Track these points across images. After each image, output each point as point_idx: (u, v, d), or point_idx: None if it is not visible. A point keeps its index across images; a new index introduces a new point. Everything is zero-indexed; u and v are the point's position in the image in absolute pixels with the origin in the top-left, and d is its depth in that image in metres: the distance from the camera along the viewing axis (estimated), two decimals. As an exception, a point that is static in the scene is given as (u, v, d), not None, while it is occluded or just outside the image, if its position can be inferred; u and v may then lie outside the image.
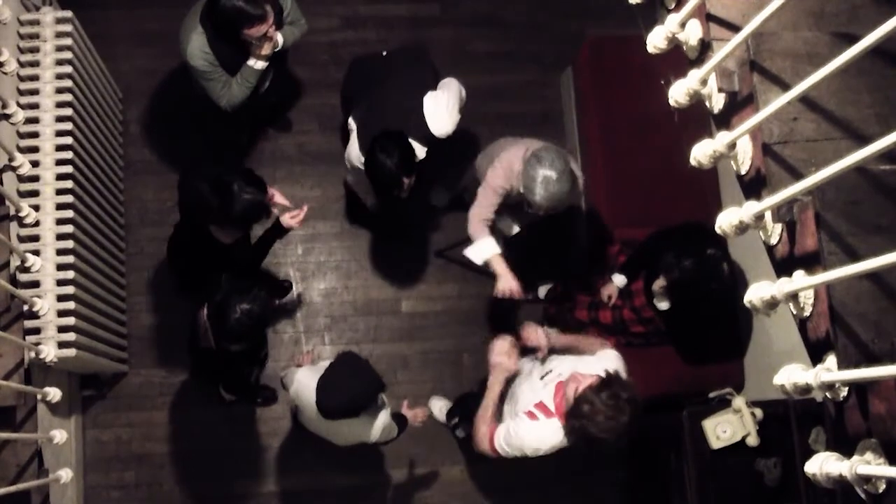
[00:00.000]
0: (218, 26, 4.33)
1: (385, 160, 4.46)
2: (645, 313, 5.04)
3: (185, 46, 4.44)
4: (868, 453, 2.08)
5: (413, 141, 4.60)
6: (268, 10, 4.28)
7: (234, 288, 3.96)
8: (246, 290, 3.94)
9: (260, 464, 5.60)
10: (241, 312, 3.86)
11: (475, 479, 5.77)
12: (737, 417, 4.69)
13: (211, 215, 4.18)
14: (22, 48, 4.54)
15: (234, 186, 4.03)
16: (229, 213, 4.07)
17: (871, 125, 2.44)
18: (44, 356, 4.11)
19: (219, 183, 4.05)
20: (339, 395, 3.94)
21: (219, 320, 3.92)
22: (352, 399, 3.97)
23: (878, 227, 2.27)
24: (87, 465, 5.46)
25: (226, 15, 4.22)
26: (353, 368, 4.07)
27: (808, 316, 2.32)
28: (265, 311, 4.04)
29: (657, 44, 2.59)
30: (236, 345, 4.07)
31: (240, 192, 4.04)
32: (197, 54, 4.43)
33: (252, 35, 4.33)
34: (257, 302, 3.93)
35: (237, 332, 3.92)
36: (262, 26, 4.31)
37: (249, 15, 4.21)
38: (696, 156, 2.43)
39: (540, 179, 4.21)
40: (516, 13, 6.37)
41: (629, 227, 5.41)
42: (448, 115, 4.65)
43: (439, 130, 4.65)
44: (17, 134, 4.40)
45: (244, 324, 3.88)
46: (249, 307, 3.88)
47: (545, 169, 4.21)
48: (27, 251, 4.20)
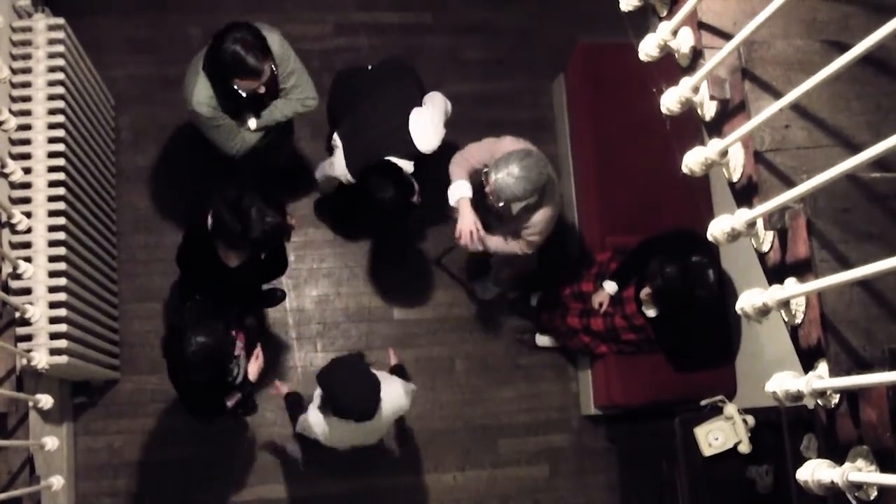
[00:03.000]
0: (212, 71, 4.28)
1: (386, 196, 4.55)
2: (636, 321, 5.05)
3: (191, 94, 4.36)
4: (859, 460, 2.09)
5: (400, 159, 4.63)
6: (265, 69, 4.23)
7: (194, 319, 3.96)
8: (204, 322, 3.94)
9: (253, 471, 5.58)
10: (196, 345, 3.84)
11: (468, 485, 5.77)
12: (729, 425, 4.70)
13: (231, 238, 4.16)
14: (14, 55, 4.53)
15: (255, 210, 4.03)
16: (249, 236, 4.06)
17: (862, 133, 2.45)
18: (35, 363, 4.10)
19: (239, 207, 4.03)
20: (362, 395, 3.99)
21: (173, 351, 3.93)
22: (371, 387, 4.01)
23: (869, 234, 2.28)
24: (79, 472, 5.43)
25: (223, 60, 4.16)
26: (343, 370, 4.10)
27: (799, 323, 2.33)
28: (221, 346, 4.00)
29: (649, 51, 2.59)
30: (193, 376, 4.04)
31: (261, 216, 4.03)
32: (202, 100, 4.35)
33: (241, 87, 4.27)
34: (213, 336, 3.91)
35: (192, 365, 3.90)
36: (254, 82, 4.25)
37: (246, 66, 4.15)
38: (687, 163, 2.44)
39: (507, 170, 4.23)
40: (508, 21, 6.38)
41: (621, 234, 5.42)
42: (433, 131, 4.66)
43: (425, 147, 4.67)
44: (8, 141, 4.39)
45: (198, 357, 3.86)
46: (205, 340, 3.86)
47: (516, 166, 4.22)
48: (19, 258, 4.19)
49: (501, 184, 4.23)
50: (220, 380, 4.23)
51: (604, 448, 5.90)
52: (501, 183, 4.23)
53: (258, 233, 4.04)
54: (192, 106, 4.39)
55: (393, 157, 4.64)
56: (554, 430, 5.90)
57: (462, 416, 5.79)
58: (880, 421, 2.10)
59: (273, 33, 4.43)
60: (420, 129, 4.64)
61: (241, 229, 4.03)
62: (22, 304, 4.12)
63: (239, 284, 4.46)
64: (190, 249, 4.55)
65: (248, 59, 4.12)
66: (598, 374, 5.60)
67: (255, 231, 4.03)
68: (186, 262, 4.60)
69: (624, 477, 5.74)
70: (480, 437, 5.83)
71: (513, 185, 4.22)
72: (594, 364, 5.63)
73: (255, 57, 4.14)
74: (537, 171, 4.26)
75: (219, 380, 4.22)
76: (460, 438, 5.76)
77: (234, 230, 4.05)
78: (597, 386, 5.65)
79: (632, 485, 5.63)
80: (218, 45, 4.15)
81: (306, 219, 5.91)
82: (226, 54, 4.13)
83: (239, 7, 6.05)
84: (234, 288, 4.45)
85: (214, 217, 4.12)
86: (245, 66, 4.15)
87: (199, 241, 4.38)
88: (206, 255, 4.32)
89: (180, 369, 4.01)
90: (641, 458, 5.45)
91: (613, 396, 5.47)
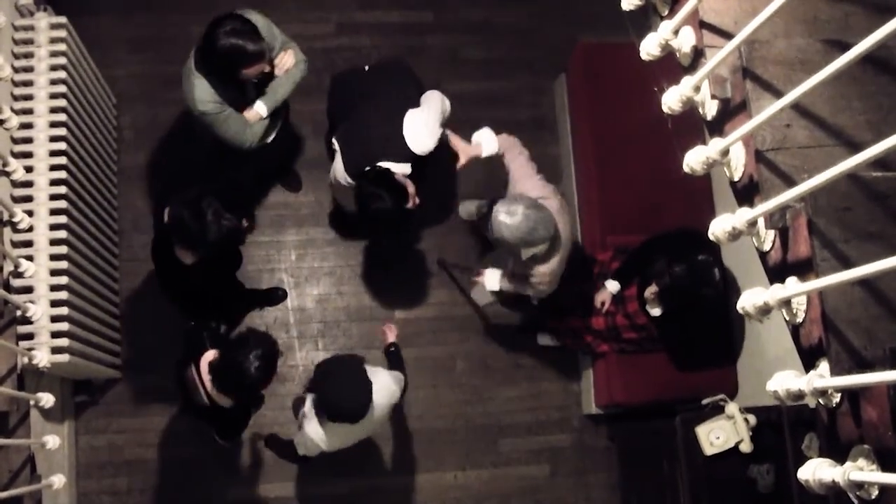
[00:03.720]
0: (216, 68, 4.28)
1: (381, 206, 4.52)
2: (638, 319, 5.05)
3: (193, 98, 4.36)
4: (861, 459, 2.09)
5: (396, 162, 4.62)
6: (264, 47, 4.25)
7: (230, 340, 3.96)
8: (244, 339, 3.94)
9: (254, 470, 5.59)
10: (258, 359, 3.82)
11: (469, 485, 5.77)
12: (730, 424, 4.70)
13: (187, 237, 4.12)
14: (16, 53, 4.53)
15: (212, 212, 4.00)
16: (205, 237, 4.02)
17: (863, 132, 2.45)
18: (37, 362, 4.10)
19: (198, 207, 4.00)
20: (352, 395, 3.98)
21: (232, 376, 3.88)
22: (363, 387, 4.01)
23: (870, 233, 2.28)
24: (80, 470, 5.44)
25: (223, 54, 4.16)
26: (332, 373, 4.10)
27: (800, 322, 2.33)
28: (275, 347, 4.01)
29: (650, 51, 2.59)
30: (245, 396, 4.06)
31: (217, 218, 4.00)
32: (205, 98, 4.35)
33: (250, 74, 4.29)
34: (264, 344, 3.91)
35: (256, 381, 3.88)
36: (260, 65, 4.28)
37: (248, 54, 4.17)
38: (689, 162, 2.44)
39: (501, 218, 4.17)
40: (509, 20, 6.38)
41: (622, 233, 5.41)
42: (427, 134, 4.63)
43: (419, 148, 4.64)
44: (10, 139, 4.40)
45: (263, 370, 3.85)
46: (261, 351, 3.85)
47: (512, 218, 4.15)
48: (20, 256, 4.19)
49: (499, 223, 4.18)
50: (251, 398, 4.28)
51: (605, 447, 5.90)
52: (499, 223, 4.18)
53: (213, 234, 4.01)
54: (197, 108, 4.39)
55: (389, 161, 4.61)
56: (555, 430, 5.91)
57: (463, 416, 5.80)
58: (881, 420, 2.10)
59: (254, 14, 4.44)
60: (414, 130, 4.62)
61: (197, 230, 4.00)
62: (23, 303, 4.13)
63: (195, 282, 4.42)
64: (155, 247, 4.54)
65: (247, 47, 4.15)
66: (600, 374, 5.60)
67: (210, 233, 4.00)
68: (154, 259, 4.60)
69: (625, 476, 5.74)
70: (481, 437, 5.83)
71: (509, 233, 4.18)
72: (595, 363, 5.63)
73: (253, 41, 4.17)
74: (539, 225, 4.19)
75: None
76: (461, 438, 5.77)
77: (190, 230, 4.02)
78: (598, 385, 5.65)
79: (633, 484, 5.63)
80: (212, 44, 4.15)
81: (307, 219, 5.92)
82: (224, 49, 4.14)
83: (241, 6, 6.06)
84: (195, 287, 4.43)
85: (172, 215, 4.09)
86: (247, 54, 4.17)
87: (161, 238, 4.39)
88: (166, 252, 4.32)
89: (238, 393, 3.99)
90: (642, 458, 5.44)
91: (614, 395, 5.47)
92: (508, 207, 4.18)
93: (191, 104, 4.40)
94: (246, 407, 4.40)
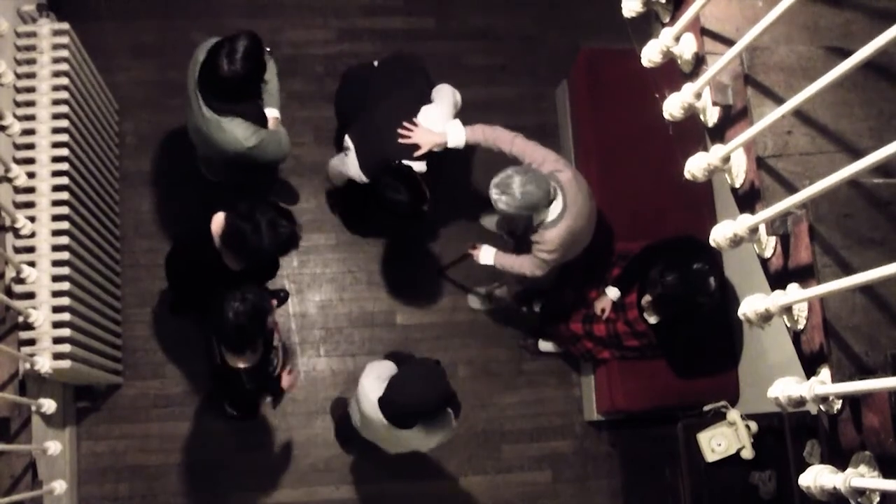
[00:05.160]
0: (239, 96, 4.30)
1: (398, 198, 4.57)
2: (638, 326, 5.05)
3: (235, 138, 4.37)
4: (862, 466, 2.09)
5: (411, 161, 4.64)
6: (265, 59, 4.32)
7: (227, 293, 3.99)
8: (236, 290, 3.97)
9: (255, 476, 5.58)
10: (238, 308, 3.88)
11: (471, 491, 5.76)
12: (731, 430, 4.70)
13: (245, 248, 4.16)
14: (19, 60, 4.54)
15: (269, 220, 4.05)
16: (262, 246, 4.07)
17: (864, 139, 2.45)
18: (38, 367, 4.10)
19: (253, 218, 4.05)
20: (410, 398, 3.99)
21: (218, 324, 3.95)
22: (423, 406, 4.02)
23: (871, 240, 2.28)
24: (82, 476, 5.44)
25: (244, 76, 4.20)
26: (426, 374, 4.12)
27: (802, 329, 2.33)
28: (261, 302, 4.04)
29: (652, 57, 2.60)
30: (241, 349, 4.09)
31: (273, 227, 4.06)
32: (247, 133, 4.38)
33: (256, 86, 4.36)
34: (249, 295, 3.95)
35: (238, 330, 3.92)
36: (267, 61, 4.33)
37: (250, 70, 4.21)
38: (690, 169, 2.44)
39: (495, 196, 4.27)
40: (511, 26, 6.38)
41: (624, 239, 5.41)
42: (444, 127, 4.67)
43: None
44: (13, 145, 4.40)
45: (241, 319, 3.89)
46: (244, 297, 3.90)
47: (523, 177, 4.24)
48: (23, 262, 4.19)
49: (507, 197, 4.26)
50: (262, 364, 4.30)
51: (606, 454, 5.89)
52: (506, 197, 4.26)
53: (270, 243, 4.06)
54: (245, 146, 4.41)
55: (405, 159, 4.64)
56: (557, 436, 5.90)
57: (465, 422, 5.77)
58: (883, 426, 2.10)
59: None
60: (430, 126, 4.65)
61: (256, 241, 4.05)
62: (25, 309, 4.13)
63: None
64: (184, 257, 4.56)
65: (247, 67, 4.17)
66: (601, 380, 5.60)
67: (266, 241, 4.05)
68: (178, 270, 4.62)
69: (627, 483, 5.73)
70: (483, 443, 5.83)
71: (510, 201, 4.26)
72: (597, 370, 5.63)
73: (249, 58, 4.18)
74: (533, 188, 4.26)
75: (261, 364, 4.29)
76: (463, 444, 5.76)
77: (249, 241, 4.06)
78: (599, 392, 5.65)
79: (634, 490, 5.62)
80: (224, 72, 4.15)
81: (308, 225, 5.92)
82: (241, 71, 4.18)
83: (243, 13, 6.08)
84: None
85: (229, 227, 4.11)
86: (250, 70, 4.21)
87: (195, 248, 4.40)
88: (202, 262, 4.33)
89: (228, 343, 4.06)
90: (644, 464, 5.44)
91: (616, 402, 5.46)
92: (498, 183, 4.29)
93: (237, 146, 4.40)
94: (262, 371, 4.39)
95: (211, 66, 4.19)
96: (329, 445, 5.65)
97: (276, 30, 6.10)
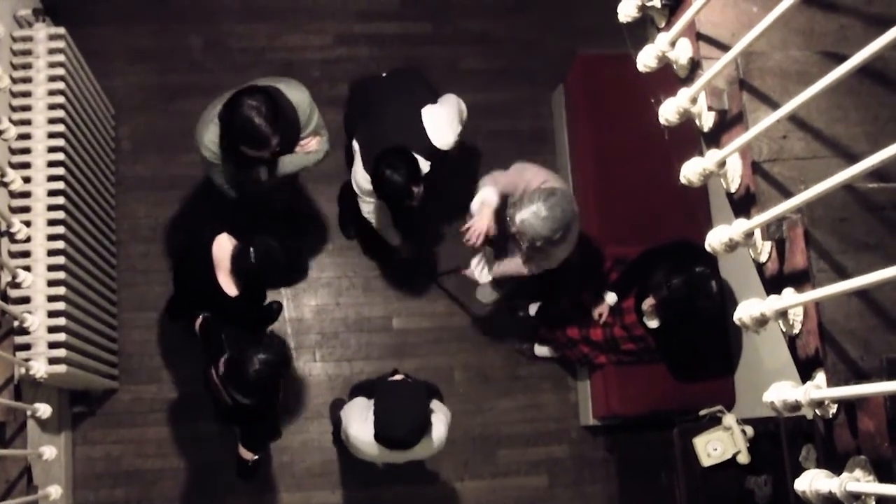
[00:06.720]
0: (224, 129, 4.24)
1: (392, 175, 4.52)
2: (636, 331, 5.05)
3: (201, 136, 4.35)
4: (857, 470, 2.09)
5: (416, 155, 4.63)
6: (273, 143, 4.18)
7: (245, 341, 3.98)
8: (257, 340, 3.97)
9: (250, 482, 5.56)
10: (260, 363, 3.84)
11: (467, 496, 5.76)
12: (727, 435, 4.70)
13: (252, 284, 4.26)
14: (14, 64, 4.54)
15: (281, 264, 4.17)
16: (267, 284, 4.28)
17: (859, 143, 2.46)
18: (34, 372, 4.10)
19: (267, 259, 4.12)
20: (404, 426, 4.01)
21: (237, 376, 3.91)
22: (418, 423, 4.05)
23: (866, 244, 2.28)
24: (77, 481, 5.43)
25: (235, 125, 4.11)
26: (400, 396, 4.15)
27: (797, 333, 2.33)
28: (283, 357, 4.05)
29: (647, 62, 2.60)
30: (254, 397, 4.04)
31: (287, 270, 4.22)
32: (207, 144, 4.34)
33: (248, 153, 4.26)
34: (272, 349, 3.92)
35: (257, 384, 3.89)
36: (260, 151, 4.24)
37: (255, 137, 4.11)
38: (685, 174, 2.45)
39: (532, 210, 4.22)
40: (508, 31, 6.39)
41: (620, 244, 5.41)
42: (448, 126, 4.69)
43: (440, 141, 4.68)
44: (8, 150, 4.40)
45: (264, 374, 3.86)
46: (266, 356, 3.86)
47: (542, 206, 4.21)
48: (18, 267, 4.19)
49: (527, 225, 4.23)
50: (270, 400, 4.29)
51: (603, 458, 5.89)
52: (527, 224, 4.23)
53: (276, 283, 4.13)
54: (198, 146, 4.40)
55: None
56: (553, 441, 5.90)
57: (461, 427, 5.77)
58: (878, 431, 2.10)
59: (299, 91, 4.45)
60: (434, 125, 4.67)
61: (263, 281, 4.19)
62: (21, 313, 4.12)
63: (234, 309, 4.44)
64: (186, 271, 4.56)
65: (258, 131, 4.07)
66: (597, 385, 5.60)
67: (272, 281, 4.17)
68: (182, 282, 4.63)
69: (623, 487, 5.73)
70: (479, 448, 5.82)
71: (539, 225, 4.22)
72: (593, 374, 5.63)
73: (267, 129, 4.08)
74: (561, 210, 4.24)
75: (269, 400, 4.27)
76: (459, 449, 5.75)
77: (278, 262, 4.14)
78: (596, 396, 5.64)
79: (631, 495, 5.62)
80: (234, 107, 4.09)
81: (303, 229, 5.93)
82: (238, 121, 4.07)
83: (240, 18, 6.08)
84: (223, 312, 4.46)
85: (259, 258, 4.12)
86: (254, 137, 4.11)
87: (195, 265, 4.40)
88: (200, 281, 4.34)
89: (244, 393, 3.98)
90: (640, 469, 5.44)
91: (612, 407, 5.46)
92: (529, 208, 4.23)
93: (197, 139, 4.39)
94: (271, 406, 4.37)
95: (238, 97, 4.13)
96: (325, 450, 5.64)
97: (274, 35, 6.11)
